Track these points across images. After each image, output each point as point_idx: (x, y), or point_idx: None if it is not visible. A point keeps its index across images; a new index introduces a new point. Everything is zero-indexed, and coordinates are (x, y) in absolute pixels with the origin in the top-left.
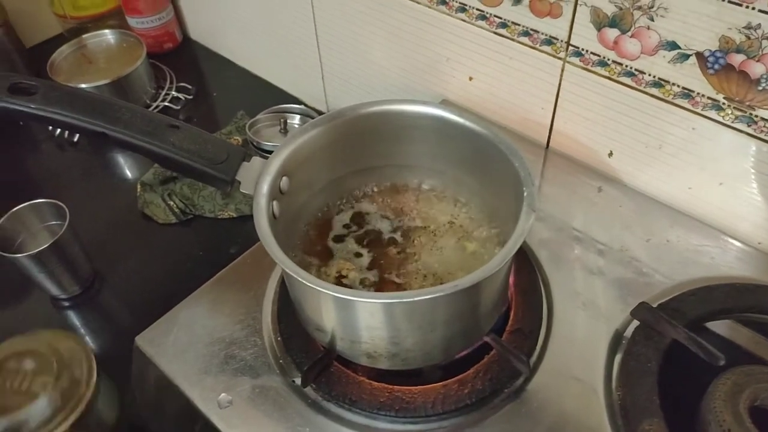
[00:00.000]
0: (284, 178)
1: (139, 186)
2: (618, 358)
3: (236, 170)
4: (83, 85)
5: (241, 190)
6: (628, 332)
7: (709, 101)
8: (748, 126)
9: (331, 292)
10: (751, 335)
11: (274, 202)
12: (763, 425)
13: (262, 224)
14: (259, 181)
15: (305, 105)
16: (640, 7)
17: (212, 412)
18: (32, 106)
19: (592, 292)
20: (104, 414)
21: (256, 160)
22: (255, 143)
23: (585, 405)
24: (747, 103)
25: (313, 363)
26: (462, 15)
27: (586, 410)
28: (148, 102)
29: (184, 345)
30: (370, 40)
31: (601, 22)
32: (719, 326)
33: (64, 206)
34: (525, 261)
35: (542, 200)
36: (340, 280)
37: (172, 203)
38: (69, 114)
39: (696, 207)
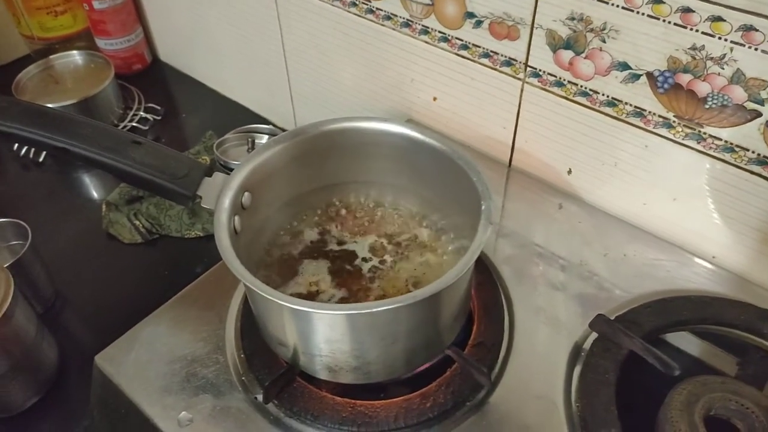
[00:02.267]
0: (246, 194)
1: (104, 206)
2: (577, 370)
3: (198, 185)
4: (49, 105)
5: (203, 205)
6: (587, 344)
7: (660, 119)
8: (698, 143)
9: (290, 305)
10: (706, 346)
11: (236, 218)
12: None
13: (223, 239)
14: (221, 196)
15: (274, 125)
16: (592, 30)
17: None
18: None
19: (552, 306)
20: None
21: (218, 176)
22: (222, 162)
23: (545, 417)
24: (696, 121)
25: (275, 378)
26: (425, 37)
27: (547, 422)
28: (115, 122)
29: (145, 363)
30: (337, 61)
31: (556, 44)
32: (676, 338)
33: (26, 226)
34: (487, 276)
35: (505, 217)
36: (306, 296)
37: (138, 223)
38: (29, 129)
39: (651, 222)
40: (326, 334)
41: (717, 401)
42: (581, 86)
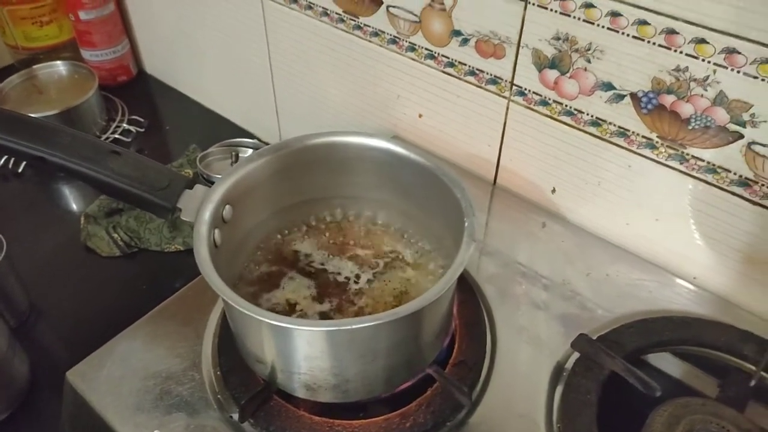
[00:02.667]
0: (227, 207)
1: (83, 218)
2: (559, 389)
3: (178, 197)
4: (32, 115)
5: (182, 218)
6: (569, 364)
7: (644, 140)
8: (681, 164)
9: (269, 320)
10: (687, 368)
11: (216, 231)
12: None
13: (202, 252)
14: (201, 208)
15: (259, 140)
16: (577, 50)
17: None
18: None
19: (535, 326)
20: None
21: (199, 188)
22: (205, 176)
23: None
24: (679, 142)
25: (252, 396)
26: (411, 54)
27: None
28: (98, 134)
29: (117, 379)
30: (324, 78)
31: (541, 64)
32: (658, 359)
33: (1, 237)
34: (470, 295)
35: (489, 235)
36: (286, 312)
37: (116, 236)
38: (5, 137)
39: (634, 242)
40: (305, 350)
41: (698, 423)
42: (566, 105)
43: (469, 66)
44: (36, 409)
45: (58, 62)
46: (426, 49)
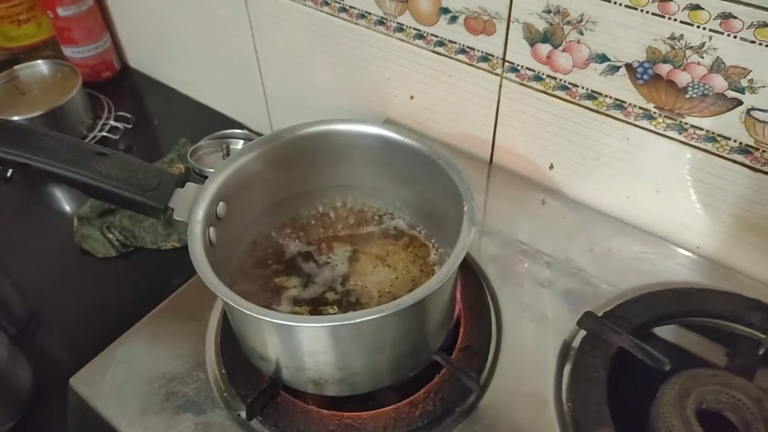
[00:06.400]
0: (221, 204)
1: (75, 220)
2: (567, 368)
3: (169, 197)
4: (15, 118)
5: (175, 217)
6: (576, 342)
7: (641, 111)
8: (679, 134)
9: (268, 318)
10: (696, 339)
11: (211, 229)
12: (711, 427)
13: (197, 251)
14: (194, 207)
15: (249, 130)
16: (569, 22)
17: None
18: None
19: (540, 304)
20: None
21: (191, 186)
22: (197, 170)
23: (537, 418)
24: (677, 111)
25: (258, 394)
26: (400, 35)
27: (538, 423)
28: (84, 133)
29: (122, 384)
30: (312, 63)
31: (533, 38)
32: (666, 332)
33: None
34: (472, 277)
35: (488, 215)
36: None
37: (111, 236)
38: None
39: (635, 215)
40: (308, 347)
41: (708, 394)
42: (560, 80)
43: (460, 44)
44: (42, 416)
45: (40, 61)
46: (414, 28)
